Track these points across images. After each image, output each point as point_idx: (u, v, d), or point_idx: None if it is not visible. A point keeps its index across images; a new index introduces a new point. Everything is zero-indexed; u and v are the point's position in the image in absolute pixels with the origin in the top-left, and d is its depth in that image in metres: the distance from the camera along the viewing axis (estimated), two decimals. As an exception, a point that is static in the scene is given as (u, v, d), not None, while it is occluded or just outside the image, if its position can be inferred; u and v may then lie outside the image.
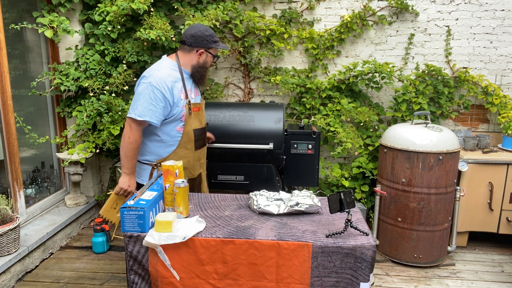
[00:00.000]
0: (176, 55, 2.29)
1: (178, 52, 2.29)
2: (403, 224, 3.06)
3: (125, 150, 2.18)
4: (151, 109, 2.14)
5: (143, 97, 2.13)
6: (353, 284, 1.71)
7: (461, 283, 2.93)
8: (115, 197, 2.28)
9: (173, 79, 2.21)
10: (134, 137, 2.16)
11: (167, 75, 2.19)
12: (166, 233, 1.71)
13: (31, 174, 3.55)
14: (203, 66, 2.29)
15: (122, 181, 2.22)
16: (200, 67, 2.29)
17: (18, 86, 3.38)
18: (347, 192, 1.78)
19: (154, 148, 2.28)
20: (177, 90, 2.21)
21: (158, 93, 2.13)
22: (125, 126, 2.19)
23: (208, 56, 2.28)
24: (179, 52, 2.28)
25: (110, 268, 3.09)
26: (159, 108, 2.15)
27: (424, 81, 3.67)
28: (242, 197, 2.26)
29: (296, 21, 3.81)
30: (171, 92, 2.17)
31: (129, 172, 2.21)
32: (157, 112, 2.15)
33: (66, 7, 3.45)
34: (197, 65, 2.28)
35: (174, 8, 3.56)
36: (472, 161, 3.22)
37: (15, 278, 2.86)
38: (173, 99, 2.19)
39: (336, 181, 3.71)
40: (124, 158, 2.19)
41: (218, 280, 1.76)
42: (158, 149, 2.28)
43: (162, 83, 2.14)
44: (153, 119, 2.15)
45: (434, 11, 3.69)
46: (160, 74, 2.17)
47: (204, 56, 2.27)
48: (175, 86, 2.20)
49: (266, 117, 3.02)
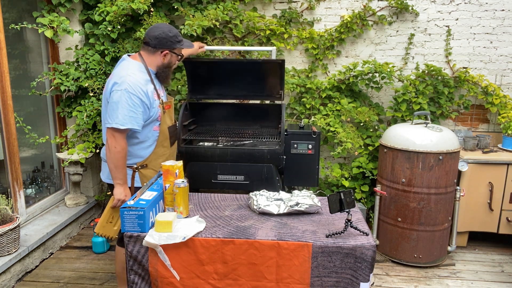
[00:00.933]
0: (139, 56, 2.26)
1: (142, 52, 2.26)
2: (403, 224, 3.06)
3: (114, 161, 2.13)
4: (131, 116, 2.10)
5: (121, 105, 2.08)
6: (353, 284, 1.71)
7: (461, 283, 2.92)
8: (110, 211, 2.23)
9: (145, 82, 2.19)
10: (121, 145, 2.12)
11: (139, 78, 2.16)
12: (166, 233, 1.71)
13: (31, 174, 3.55)
14: (167, 66, 2.30)
15: (117, 192, 2.17)
16: (165, 67, 2.29)
17: (18, 86, 3.38)
18: (347, 192, 1.78)
19: (135, 151, 2.26)
20: (151, 92, 2.20)
21: (136, 99, 2.10)
22: (107, 137, 2.13)
23: (172, 56, 2.29)
24: (143, 53, 2.26)
25: (110, 268, 3.09)
26: (138, 114, 2.13)
27: (424, 81, 3.67)
28: (242, 197, 2.26)
29: (296, 21, 3.81)
30: (147, 95, 2.16)
31: (122, 182, 2.17)
32: (137, 118, 2.13)
33: (66, 7, 3.45)
34: (162, 65, 2.27)
35: (174, 8, 3.56)
36: (472, 161, 3.22)
37: (15, 278, 2.86)
38: (150, 101, 2.18)
39: (336, 181, 3.71)
40: (114, 169, 2.14)
41: (218, 280, 1.76)
42: (139, 151, 2.26)
43: (137, 88, 2.11)
44: (135, 126, 2.13)
45: (434, 11, 3.69)
46: (132, 79, 2.12)
47: (169, 57, 2.28)
48: (148, 89, 2.18)
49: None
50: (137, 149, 2.25)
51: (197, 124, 3.52)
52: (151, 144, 2.28)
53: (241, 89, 3.51)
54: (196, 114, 3.55)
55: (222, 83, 3.51)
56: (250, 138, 3.17)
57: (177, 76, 3.76)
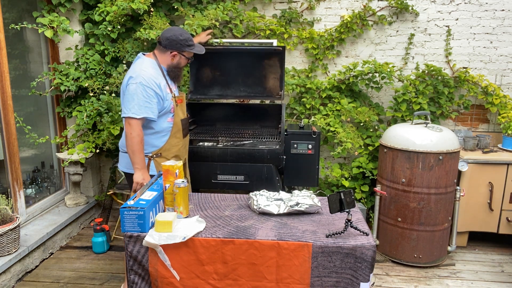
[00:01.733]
0: (153, 54, 2.47)
1: (156, 51, 2.47)
2: (403, 224, 3.06)
3: (131, 146, 2.29)
4: (147, 106, 2.29)
5: (136, 96, 2.27)
6: (353, 284, 1.71)
7: (461, 283, 2.92)
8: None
9: (158, 76, 2.38)
10: (136, 132, 2.28)
11: (152, 73, 2.36)
12: (166, 233, 1.71)
13: (31, 174, 3.55)
14: (176, 67, 2.48)
15: (136, 176, 2.31)
16: (174, 67, 2.47)
17: (18, 86, 3.38)
18: (347, 192, 1.78)
19: (150, 140, 2.43)
20: (163, 86, 2.39)
21: (150, 91, 2.29)
22: (124, 126, 2.32)
23: (181, 58, 2.46)
24: (156, 51, 2.46)
25: (110, 268, 3.09)
26: (153, 104, 2.32)
27: (424, 81, 3.67)
28: (242, 197, 2.26)
29: (296, 21, 3.81)
30: (160, 88, 2.35)
31: (140, 167, 2.31)
32: (152, 108, 2.32)
33: (66, 7, 3.45)
34: (171, 65, 2.47)
35: (174, 8, 3.56)
36: (472, 161, 3.22)
37: (15, 278, 2.86)
38: (163, 93, 2.37)
39: (336, 181, 3.71)
40: (132, 155, 2.30)
41: (218, 280, 1.76)
42: (154, 141, 2.44)
43: (151, 81, 2.30)
44: (150, 115, 2.31)
45: (434, 11, 3.69)
46: (147, 74, 2.32)
47: (178, 58, 2.45)
48: (159, 82, 2.36)
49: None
50: (152, 138, 2.43)
51: (197, 124, 3.52)
52: (165, 134, 2.46)
53: (241, 89, 3.51)
54: (196, 114, 3.55)
55: (223, 83, 3.52)
56: (250, 138, 3.17)
57: (177, 76, 3.75)
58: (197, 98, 3.51)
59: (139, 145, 2.30)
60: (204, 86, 3.53)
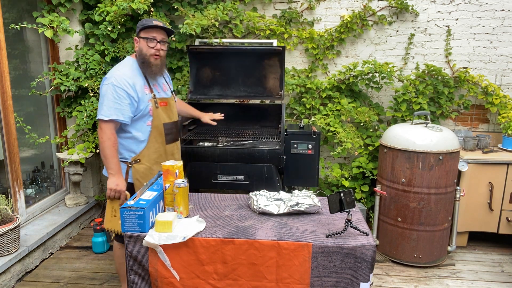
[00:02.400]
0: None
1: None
2: (403, 224, 3.06)
3: (102, 150, 2.20)
4: (116, 108, 2.17)
5: (106, 97, 2.17)
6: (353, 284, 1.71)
7: (461, 283, 2.92)
8: (111, 205, 2.26)
9: (133, 75, 2.24)
10: (107, 135, 2.17)
11: (126, 72, 2.23)
12: (166, 233, 1.71)
13: (31, 174, 3.55)
14: (139, 53, 2.27)
15: (109, 182, 2.21)
16: (138, 54, 2.28)
17: (18, 86, 3.38)
18: (347, 192, 1.78)
19: (128, 145, 2.30)
20: (139, 86, 2.24)
21: (121, 91, 2.16)
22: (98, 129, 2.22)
23: (141, 42, 2.26)
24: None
25: (110, 268, 3.08)
26: (124, 105, 2.18)
27: (424, 81, 3.67)
28: (242, 197, 2.26)
29: (296, 21, 3.81)
30: (134, 88, 2.20)
31: (114, 172, 2.21)
32: (123, 109, 2.18)
33: (66, 7, 3.45)
34: (138, 54, 2.29)
35: (174, 8, 3.56)
36: (472, 161, 3.22)
37: (15, 278, 2.86)
38: (137, 94, 2.22)
39: (336, 181, 3.71)
40: (104, 160, 2.20)
41: (218, 280, 1.76)
42: (131, 146, 2.30)
43: (122, 81, 2.18)
44: (120, 117, 2.18)
45: (434, 11, 3.69)
46: (119, 73, 2.21)
47: (138, 43, 2.28)
48: (136, 82, 2.22)
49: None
50: (130, 143, 2.30)
51: (197, 124, 3.52)
52: (144, 139, 2.31)
53: (241, 89, 3.51)
54: (196, 114, 3.55)
55: (223, 83, 3.52)
56: (250, 138, 3.17)
57: (177, 76, 3.76)
58: (197, 98, 3.51)
59: (111, 149, 2.18)
60: (204, 86, 3.53)
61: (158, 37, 2.26)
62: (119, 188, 2.20)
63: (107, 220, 2.30)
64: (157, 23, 2.26)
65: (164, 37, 2.31)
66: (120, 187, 2.20)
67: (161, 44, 2.28)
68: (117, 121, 2.19)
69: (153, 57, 2.26)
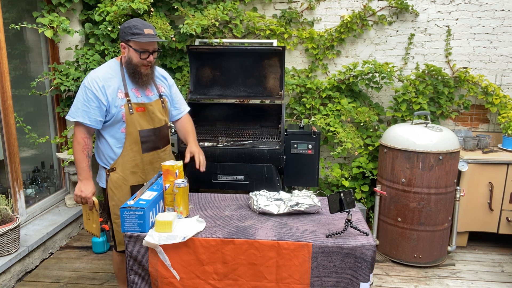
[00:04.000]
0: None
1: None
2: (403, 224, 3.06)
3: (73, 154, 2.15)
4: (84, 110, 2.08)
5: (77, 98, 2.10)
6: (353, 284, 1.71)
7: (461, 283, 2.92)
8: (84, 209, 2.26)
9: (108, 78, 2.11)
10: (77, 139, 2.11)
11: (101, 74, 2.12)
12: (166, 233, 1.71)
13: (31, 174, 3.55)
14: (129, 62, 2.12)
15: (76, 187, 2.15)
16: (127, 62, 2.13)
17: (18, 86, 3.38)
18: (347, 192, 1.78)
19: (105, 151, 2.22)
20: (112, 89, 2.10)
21: (90, 93, 2.06)
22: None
23: (130, 51, 2.10)
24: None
25: (110, 268, 3.08)
26: (92, 108, 2.07)
27: (424, 81, 3.67)
28: (242, 197, 2.26)
29: (296, 21, 3.81)
30: (103, 91, 2.08)
31: (82, 178, 2.14)
32: (90, 112, 2.08)
33: (66, 7, 3.45)
34: (125, 60, 2.14)
35: (174, 8, 3.56)
36: (472, 161, 3.22)
37: (15, 278, 2.85)
38: (107, 98, 2.08)
39: (336, 181, 3.71)
40: (75, 163, 2.16)
41: (218, 281, 1.76)
42: (108, 152, 2.21)
43: (93, 83, 2.07)
44: (86, 120, 2.08)
45: (434, 11, 3.69)
46: (94, 74, 2.11)
47: (127, 51, 2.11)
48: (109, 85, 2.10)
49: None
50: (106, 149, 2.21)
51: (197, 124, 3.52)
52: (119, 146, 2.18)
53: (241, 89, 3.51)
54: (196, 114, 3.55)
55: (223, 83, 3.52)
56: (250, 138, 3.17)
57: (177, 76, 3.76)
58: (197, 98, 3.51)
59: (79, 154, 2.10)
60: (204, 86, 3.53)
61: (150, 48, 2.12)
62: (84, 194, 2.12)
63: (84, 222, 2.33)
64: (148, 31, 2.08)
65: (155, 45, 2.15)
66: (85, 194, 2.12)
67: (153, 54, 2.15)
68: (83, 124, 2.09)
69: (144, 68, 2.13)
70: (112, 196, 2.22)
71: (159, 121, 2.25)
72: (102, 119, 2.12)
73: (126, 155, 2.18)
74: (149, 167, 2.26)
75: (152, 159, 2.27)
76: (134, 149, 2.19)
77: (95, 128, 2.13)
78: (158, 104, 2.25)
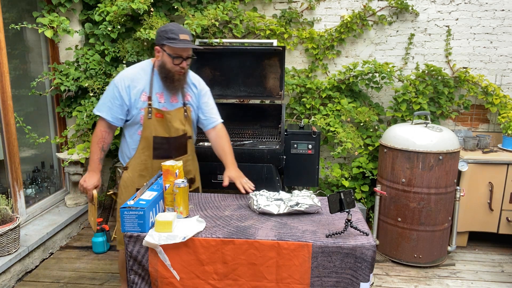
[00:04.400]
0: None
1: None
2: (403, 224, 3.06)
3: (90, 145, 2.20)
4: (108, 106, 2.12)
5: (105, 93, 2.15)
6: (353, 284, 1.70)
7: (461, 283, 2.92)
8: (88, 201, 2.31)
9: (136, 79, 2.13)
10: (95, 132, 2.15)
11: (131, 73, 2.14)
12: (166, 233, 1.71)
13: (31, 174, 3.55)
14: (162, 67, 2.11)
15: (82, 177, 2.20)
16: (160, 66, 2.12)
17: (18, 86, 3.38)
18: (347, 192, 1.78)
19: (123, 148, 2.27)
20: (137, 90, 2.12)
21: (116, 91, 2.10)
22: None
23: (164, 55, 2.09)
24: None
25: (110, 268, 3.08)
26: (115, 106, 2.11)
27: (424, 81, 3.67)
28: (242, 197, 2.26)
29: (296, 21, 3.81)
30: (128, 91, 2.10)
31: (90, 168, 2.18)
32: (113, 109, 2.12)
33: (66, 7, 3.45)
34: (158, 64, 2.14)
35: (174, 8, 3.56)
36: (472, 161, 3.22)
37: (15, 278, 2.85)
38: (130, 98, 2.11)
39: (336, 181, 3.71)
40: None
41: (218, 281, 1.76)
42: (125, 150, 2.25)
43: (121, 81, 2.10)
44: (108, 116, 2.12)
45: (434, 11, 3.69)
46: (124, 73, 2.14)
47: (161, 55, 2.10)
48: (135, 86, 2.11)
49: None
50: (124, 146, 2.26)
51: (197, 124, 3.52)
52: (134, 148, 2.21)
53: (241, 89, 3.51)
54: (196, 114, 3.55)
55: (223, 83, 3.52)
56: (250, 138, 3.17)
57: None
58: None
59: (94, 145, 2.15)
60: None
61: (184, 54, 2.09)
62: (85, 185, 2.16)
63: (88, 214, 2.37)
64: (184, 37, 2.05)
65: (190, 52, 2.12)
66: (86, 185, 2.15)
67: (187, 60, 2.13)
68: (104, 118, 2.13)
69: (177, 74, 2.12)
70: (120, 195, 2.27)
71: (176, 130, 2.22)
72: (124, 117, 2.16)
73: (138, 157, 2.21)
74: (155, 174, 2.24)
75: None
76: (146, 153, 2.20)
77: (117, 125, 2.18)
78: (179, 113, 2.22)
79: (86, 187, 2.16)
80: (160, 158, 2.19)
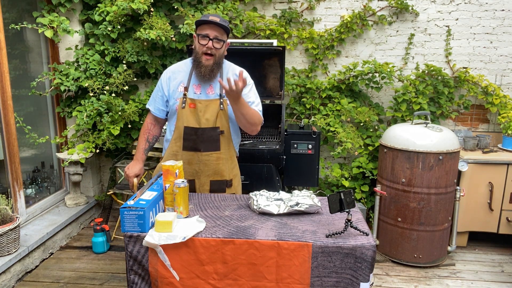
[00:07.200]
0: None
1: None
2: (403, 224, 3.06)
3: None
4: (153, 98, 2.25)
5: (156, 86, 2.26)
6: (353, 284, 1.70)
7: (461, 283, 2.93)
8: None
9: (178, 71, 2.22)
10: (144, 122, 2.28)
11: (174, 67, 2.25)
12: (166, 233, 1.71)
13: (31, 174, 3.55)
14: (194, 51, 2.11)
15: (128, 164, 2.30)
16: (194, 53, 2.13)
17: (18, 86, 3.38)
18: (347, 192, 1.78)
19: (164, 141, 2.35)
20: (176, 82, 2.18)
21: (159, 83, 2.22)
22: None
23: (195, 39, 2.09)
24: None
25: (110, 268, 3.09)
26: (157, 97, 2.23)
27: (424, 81, 3.67)
28: (242, 197, 2.26)
29: (296, 21, 3.81)
30: (168, 83, 2.20)
31: (134, 158, 2.28)
32: (156, 101, 2.24)
33: (66, 7, 3.45)
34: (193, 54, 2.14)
35: (174, 8, 3.56)
36: (472, 161, 3.22)
37: (15, 278, 2.86)
38: (169, 89, 2.19)
39: (336, 181, 3.71)
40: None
41: (218, 281, 1.76)
42: (165, 142, 2.34)
43: (164, 74, 2.22)
44: (151, 107, 2.25)
45: (434, 11, 3.69)
46: (170, 66, 2.27)
47: (195, 41, 2.10)
48: (175, 77, 2.19)
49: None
50: (165, 140, 2.33)
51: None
52: (169, 138, 2.26)
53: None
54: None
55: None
56: (250, 138, 3.17)
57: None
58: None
59: (140, 136, 2.28)
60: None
61: (211, 34, 2.04)
62: (128, 172, 2.24)
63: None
64: (213, 18, 2.02)
65: (219, 34, 2.06)
66: (128, 172, 2.23)
67: (215, 42, 2.05)
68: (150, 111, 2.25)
69: (205, 57, 2.07)
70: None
71: (206, 121, 2.15)
72: (165, 108, 2.24)
73: (171, 147, 2.24)
74: (187, 166, 2.19)
75: (191, 160, 2.20)
76: (178, 144, 2.21)
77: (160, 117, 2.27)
78: (214, 104, 2.16)
79: (127, 174, 2.24)
80: (189, 150, 2.18)
